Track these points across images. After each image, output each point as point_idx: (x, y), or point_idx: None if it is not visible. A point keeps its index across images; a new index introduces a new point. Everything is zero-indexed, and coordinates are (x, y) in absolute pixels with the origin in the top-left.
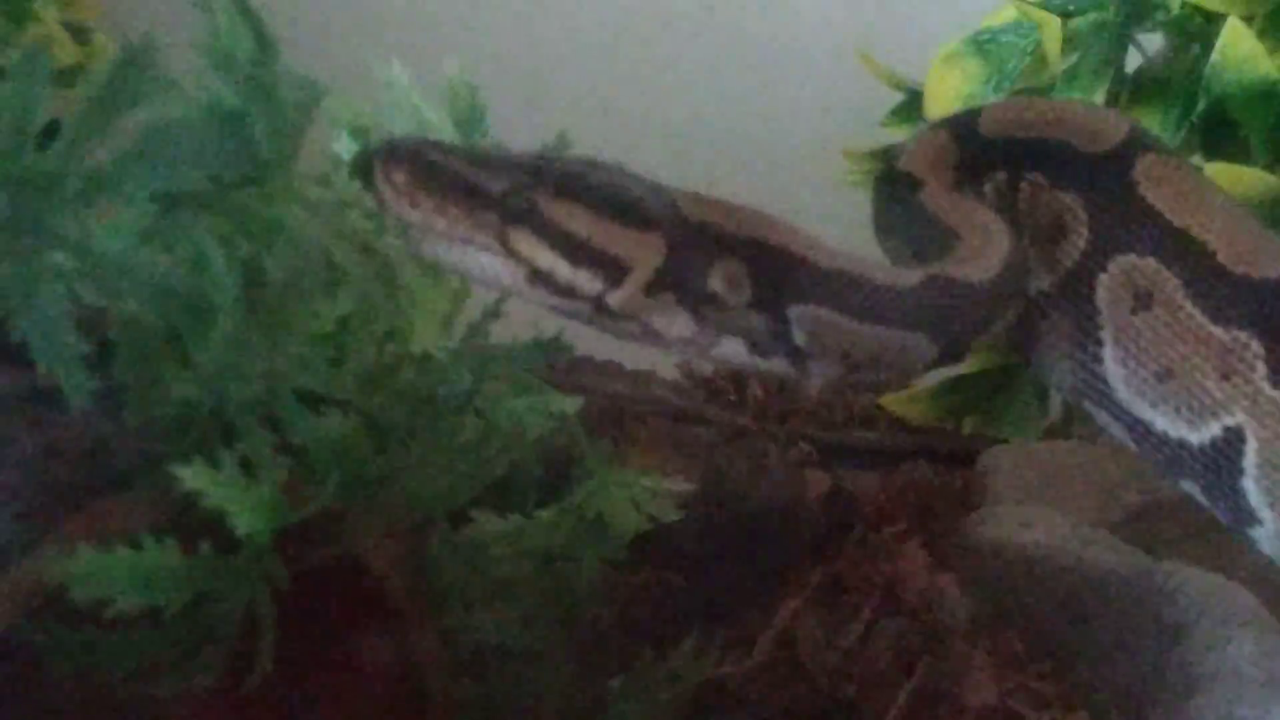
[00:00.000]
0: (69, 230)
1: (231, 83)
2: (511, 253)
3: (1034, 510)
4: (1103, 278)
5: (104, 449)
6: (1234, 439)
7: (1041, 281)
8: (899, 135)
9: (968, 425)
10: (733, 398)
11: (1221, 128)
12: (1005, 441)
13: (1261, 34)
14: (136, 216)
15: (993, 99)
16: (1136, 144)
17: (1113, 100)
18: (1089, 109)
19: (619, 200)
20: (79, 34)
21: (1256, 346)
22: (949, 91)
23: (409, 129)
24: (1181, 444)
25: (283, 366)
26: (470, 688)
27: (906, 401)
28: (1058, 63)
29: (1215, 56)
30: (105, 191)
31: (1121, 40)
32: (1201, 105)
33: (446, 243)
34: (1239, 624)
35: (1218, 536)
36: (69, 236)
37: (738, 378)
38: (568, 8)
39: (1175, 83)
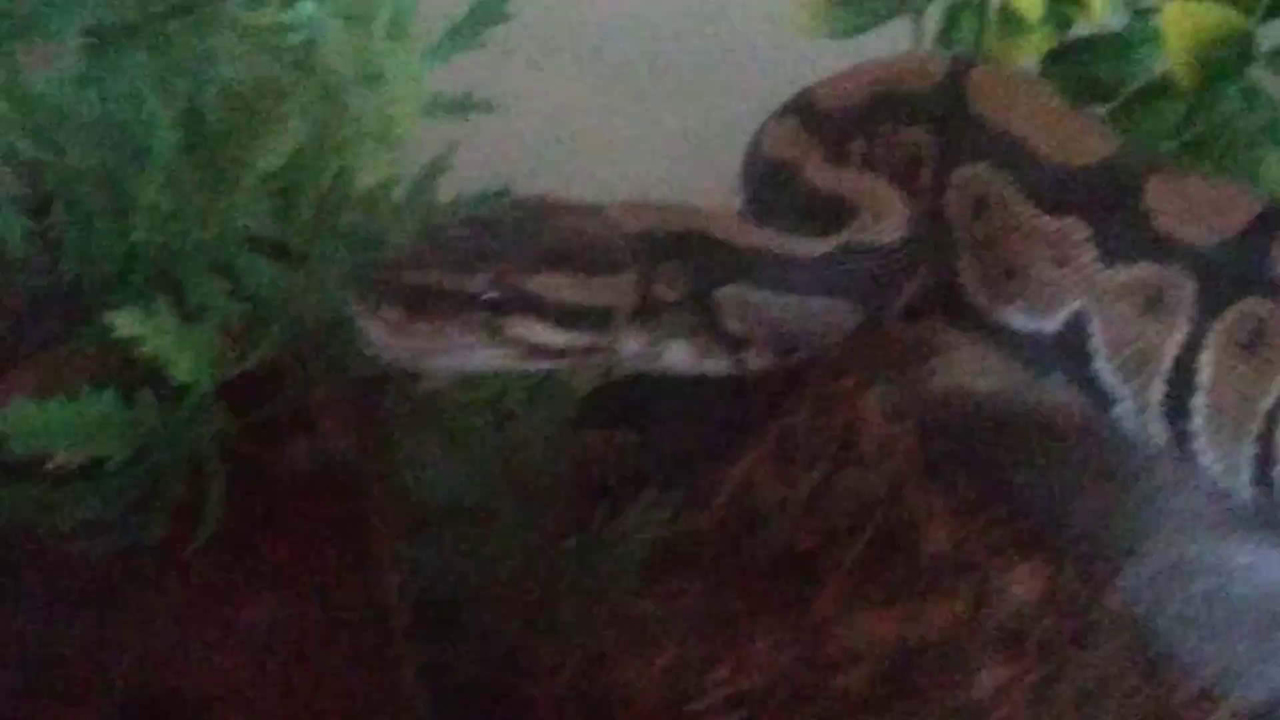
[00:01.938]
0: None
1: None
2: (507, 340)
3: (990, 357)
4: (949, 194)
5: (40, 304)
6: (1079, 323)
7: None
8: None
9: None
10: None
11: None
12: None
13: None
14: (69, 59)
15: None
16: (962, 67)
17: None
18: (906, 56)
19: (585, 250)
20: None
21: (1084, 230)
22: None
23: None
24: (1038, 338)
25: (227, 208)
26: (421, 548)
27: None
28: None
29: None
30: (32, 27)
31: None
32: None
33: (445, 355)
34: None
35: None
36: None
37: None
38: None
39: None
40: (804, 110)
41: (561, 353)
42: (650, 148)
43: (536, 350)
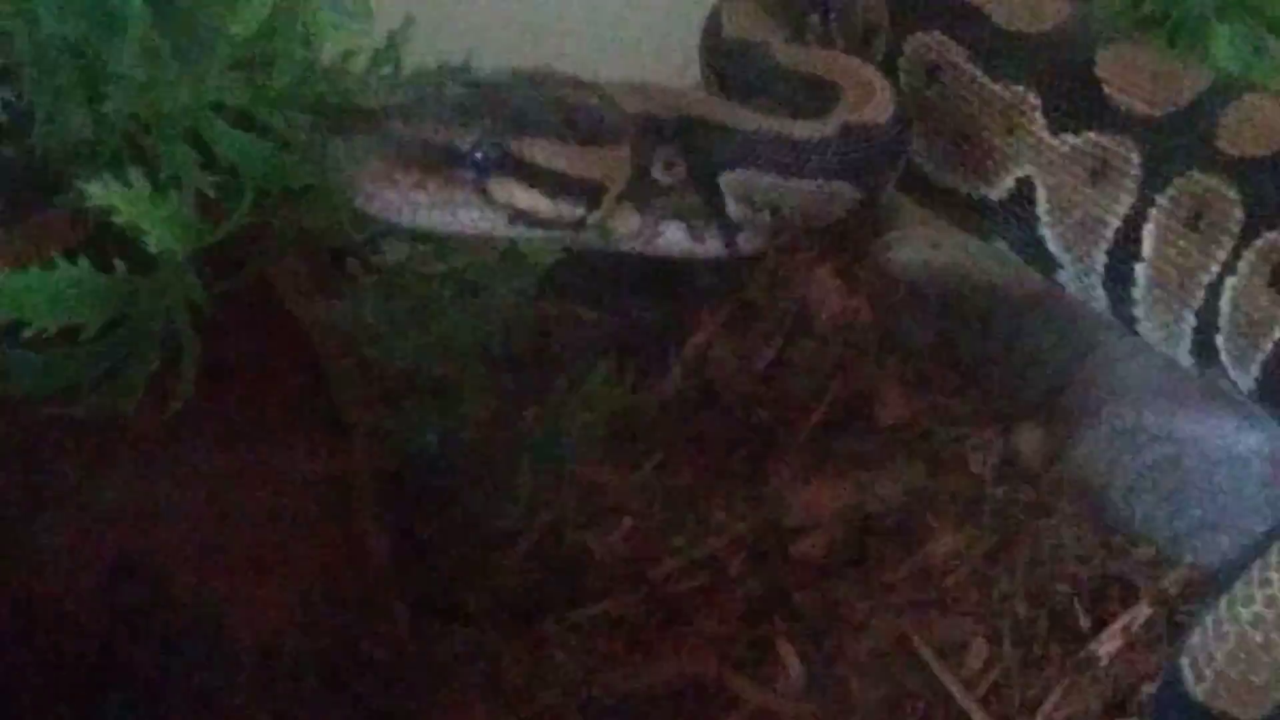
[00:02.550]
0: None
1: None
2: (491, 202)
3: (944, 231)
4: (901, 61)
5: (12, 175)
6: (1025, 189)
7: None
8: None
9: None
10: None
11: None
12: None
13: None
14: None
15: None
16: None
17: None
18: None
19: (580, 121)
20: None
21: (1033, 98)
22: None
23: None
24: (984, 203)
25: (199, 78)
26: (387, 417)
27: None
28: None
29: None
30: None
31: None
32: None
33: (426, 210)
34: None
35: None
36: None
37: None
38: None
39: None
40: None
41: (548, 222)
42: (602, 23)
43: (521, 216)
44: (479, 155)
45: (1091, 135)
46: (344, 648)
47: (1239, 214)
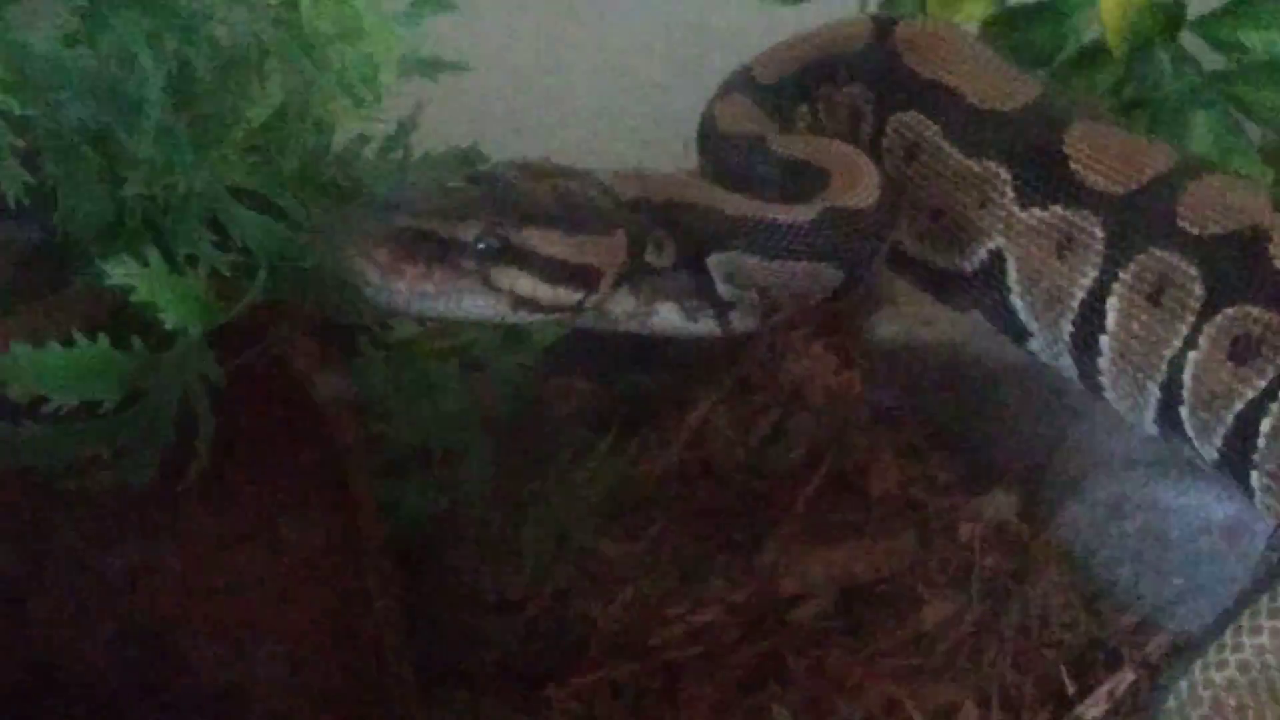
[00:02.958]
0: None
1: None
2: (494, 290)
3: (935, 307)
4: (884, 141)
5: (35, 255)
6: (996, 261)
7: None
8: None
9: None
10: None
11: None
12: None
13: None
14: (62, 17)
15: None
16: (886, 24)
17: None
18: (832, 25)
19: (577, 210)
20: None
21: (1005, 173)
22: None
23: None
24: (959, 275)
25: (216, 162)
26: (394, 489)
27: None
28: None
29: None
30: None
31: None
32: None
33: (433, 300)
34: None
35: None
36: None
37: None
38: None
39: None
40: (747, 86)
41: (549, 307)
42: (606, 107)
43: (523, 302)
44: (481, 246)
45: (1058, 210)
46: (350, 713)
47: (1199, 290)
